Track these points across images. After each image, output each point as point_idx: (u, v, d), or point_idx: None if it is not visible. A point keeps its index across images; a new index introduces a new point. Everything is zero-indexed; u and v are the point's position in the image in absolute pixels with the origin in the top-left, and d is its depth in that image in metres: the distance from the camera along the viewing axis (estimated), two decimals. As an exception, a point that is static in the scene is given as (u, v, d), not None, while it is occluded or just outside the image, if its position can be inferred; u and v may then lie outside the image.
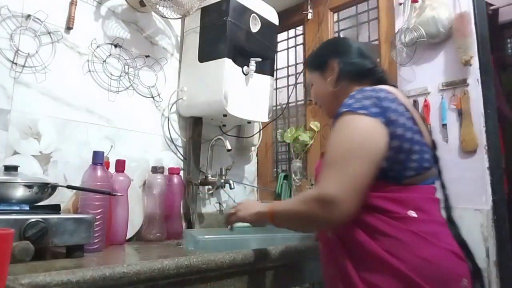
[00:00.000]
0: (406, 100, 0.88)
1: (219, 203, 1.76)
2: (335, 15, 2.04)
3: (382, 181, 0.81)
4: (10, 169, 0.99)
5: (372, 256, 0.77)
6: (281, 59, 2.24)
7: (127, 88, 1.47)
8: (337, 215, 0.75)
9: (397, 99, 0.84)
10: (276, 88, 2.21)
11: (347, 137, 0.80)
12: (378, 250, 0.77)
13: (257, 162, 2.02)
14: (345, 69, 0.97)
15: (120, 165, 1.27)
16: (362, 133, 0.79)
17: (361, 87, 0.88)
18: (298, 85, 2.11)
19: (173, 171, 1.49)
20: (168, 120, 1.60)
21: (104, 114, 1.39)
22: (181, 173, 1.59)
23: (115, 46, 1.44)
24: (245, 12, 1.58)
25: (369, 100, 0.81)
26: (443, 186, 0.90)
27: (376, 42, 1.83)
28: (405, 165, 0.81)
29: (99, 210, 1.04)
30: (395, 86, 0.94)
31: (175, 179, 1.48)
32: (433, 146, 0.89)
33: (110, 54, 1.43)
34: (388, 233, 0.78)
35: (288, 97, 2.11)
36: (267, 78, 1.70)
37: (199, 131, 1.66)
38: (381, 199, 0.81)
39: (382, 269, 0.76)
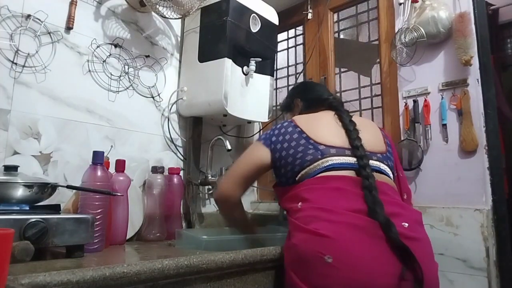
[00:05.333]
0: (308, 119, 1.17)
1: (219, 203, 1.76)
2: (335, 15, 2.03)
3: (283, 187, 1.11)
4: (10, 169, 0.99)
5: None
6: (281, 59, 2.24)
7: (127, 88, 1.47)
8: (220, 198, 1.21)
9: (291, 125, 1.14)
10: (276, 88, 2.21)
11: (245, 153, 1.22)
12: (286, 241, 1.00)
13: (257, 162, 2.01)
14: (306, 103, 1.31)
15: (120, 165, 1.27)
16: (251, 151, 1.20)
17: (316, 112, 1.22)
18: (298, 85, 2.11)
19: (173, 171, 1.49)
20: (168, 120, 1.60)
21: (104, 114, 1.39)
22: (181, 173, 1.59)
23: (115, 46, 1.44)
24: (245, 12, 1.58)
25: (265, 134, 1.19)
26: (359, 173, 1.02)
27: (376, 42, 1.83)
28: (288, 167, 1.09)
29: (99, 210, 1.04)
30: (338, 108, 1.19)
31: (175, 179, 1.48)
32: (352, 146, 1.06)
33: (110, 54, 1.43)
34: (289, 227, 1.01)
35: (288, 97, 2.11)
36: (267, 78, 1.70)
37: (199, 131, 1.66)
38: (286, 201, 1.08)
39: None
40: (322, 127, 1.14)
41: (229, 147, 1.54)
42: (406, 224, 0.91)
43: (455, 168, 1.47)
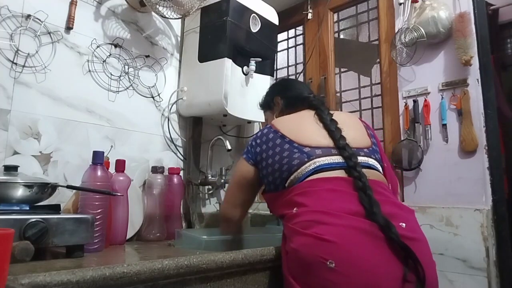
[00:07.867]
0: (287, 122, 1.14)
1: (219, 203, 1.76)
2: (335, 15, 2.04)
3: (273, 193, 1.08)
4: (10, 169, 0.99)
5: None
6: (281, 59, 2.25)
7: (127, 88, 1.47)
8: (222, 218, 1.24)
9: (271, 131, 1.11)
10: (276, 88, 2.21)
11: (233, 173, 1.24)
12: (283, 247, 0.99)
13: (257, 162, 2.01)
14: (286, 101, 1.27)
15: (120, 165, 1.27)
16: (237, 170, 1.19)
17: (295, 112, 1.19)
18: (298, 85, 2.11)
19: (173, 171, 1.49)
20: (168, 120, 1.60)
21: (104, 114, 1.39)
22: (181, 173, 1.59)
23: (115, 46, 1.44)
24: (245, 12, 1.58)
25: (248, 148, 1.16)
26: (349, 172, 1.00)
27: (376, 42, 1.83)
28: (276, 174, 1.05)
29: (99, 210, 1.04)
30: (318, 108, 1.15)
31: (175, 179, 1.48)
32: (338, 147, 1.03)
33: (110, 54, 1.43)
34: (284, 233, 0.99)
35: (288, 97, 2.10)
36: (267, 78, 1.70)
37: (199, 131, 1.66)
38: (279, 208, 1.05)
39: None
40: (304, 128, 1.11)
41: (229, 147, 1.54)
42: (404, 225, 0.91)
43: (455, 168, 1.47)
